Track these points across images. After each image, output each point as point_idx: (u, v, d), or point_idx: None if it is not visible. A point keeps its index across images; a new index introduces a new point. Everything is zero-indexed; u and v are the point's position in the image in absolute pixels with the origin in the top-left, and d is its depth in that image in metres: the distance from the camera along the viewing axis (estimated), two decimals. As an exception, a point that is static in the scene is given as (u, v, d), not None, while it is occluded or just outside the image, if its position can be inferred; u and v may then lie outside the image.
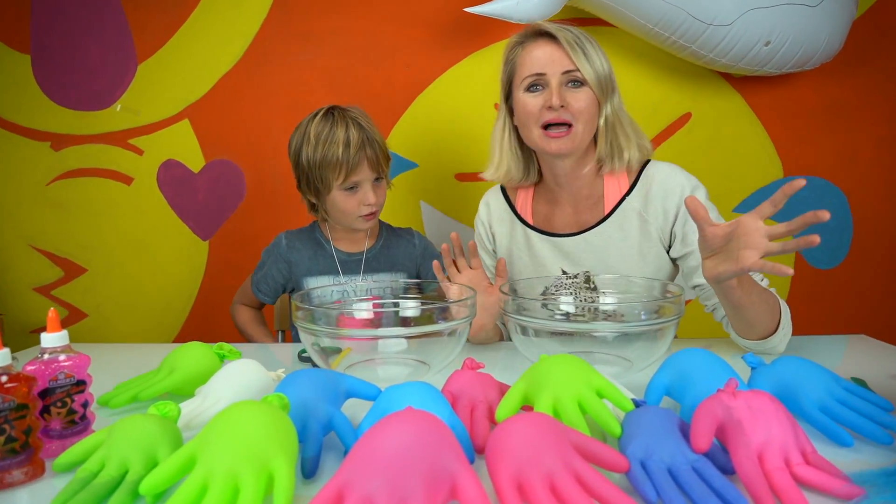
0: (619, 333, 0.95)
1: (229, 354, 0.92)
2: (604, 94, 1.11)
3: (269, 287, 1.39)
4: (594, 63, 1.09)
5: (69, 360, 0.70)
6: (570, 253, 1.19)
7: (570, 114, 1.09)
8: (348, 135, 1.23)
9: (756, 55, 1.49)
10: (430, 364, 0.96)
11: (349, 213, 1.27)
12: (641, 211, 1.15)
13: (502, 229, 1.28)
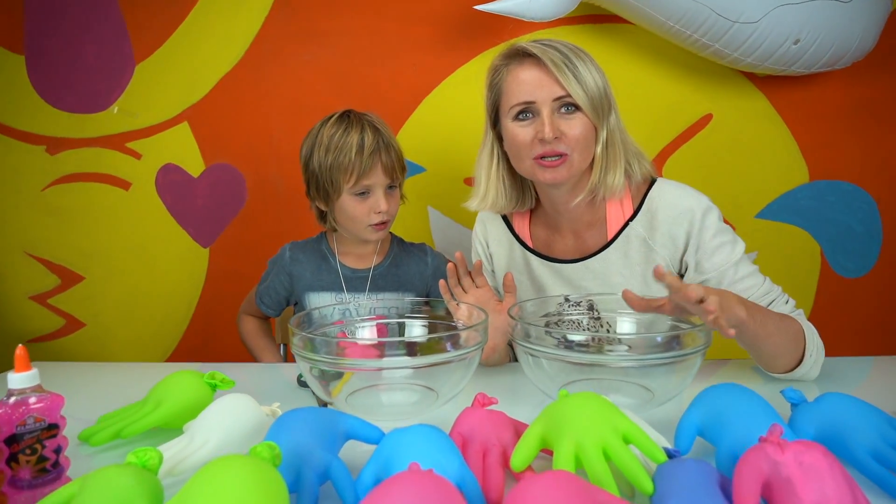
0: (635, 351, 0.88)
1: (221, 384, 0.86)
2: (599, 117, 1.01)
3: (271, 300, 1.33)
4: (586, 84, 0.99)
5: (40, 401, 0.64)
6: (571, 279, 1.12)
7: (563, 144, 0.99)
8: (363, 137, 1.17)
9: (784, 54, 1.40)
10: (438, 391, 0.89)
11: (359, 220, 1.19)
12: (647, 238, 1.07)
13: (500, 250, 1.20)
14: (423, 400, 0.90)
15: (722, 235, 1.03)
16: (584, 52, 1.03)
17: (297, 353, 0.85)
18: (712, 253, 1.02)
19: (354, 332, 1.04)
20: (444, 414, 0.87)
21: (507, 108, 1.03)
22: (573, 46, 1.02)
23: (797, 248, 1.72)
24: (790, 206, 1.71)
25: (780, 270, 1.42)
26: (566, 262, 1.12)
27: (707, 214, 1.03)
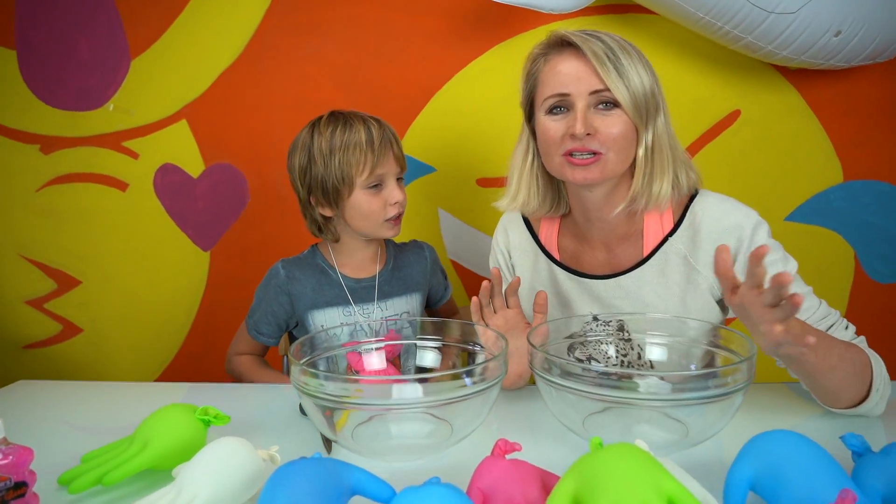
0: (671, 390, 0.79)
1: (216, 420, 0.78)
2: (643, 118, 0.91)
3: (270, 327, 1.22)
4: (630, 80, 0.89)
5: (5, 458, 0.56)
6: (601, 297, 1.03)
7: (597, 142, 0.91)
8: (369, 128, 1.10)
9: (823, 47, 1.30)
10: (453, 424, 0.81)
11: (374, 215, 1.11)
12: (688, 255, 0.97)
13: (524, 261, 1.11)
14: (436, 432, 0.82)
15: (773, 253, 0.92)
16: (634, 47, 0.93)
17: (297, 387, 0.77)
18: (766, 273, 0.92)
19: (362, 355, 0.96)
20: (460, 454, 0.79)
21: (541, 101, 0.96)
22: (621, 40, 0.93)
23: (830, 252, 1.62)
24: (822, 208, 1.61)
25: (812, 276, 1.33)
26: (596, 278, 1.03)
27: (757, 231, 0.93)
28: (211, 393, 1.07)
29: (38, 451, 0.84)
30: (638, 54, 0.92)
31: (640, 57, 0.93)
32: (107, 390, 1.11)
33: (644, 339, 0.96)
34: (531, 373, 1.00)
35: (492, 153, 1.65)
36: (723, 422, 0.78)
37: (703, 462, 0.76)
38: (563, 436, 0.84)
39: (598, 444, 0.64)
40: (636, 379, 0.80)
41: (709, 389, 0.74)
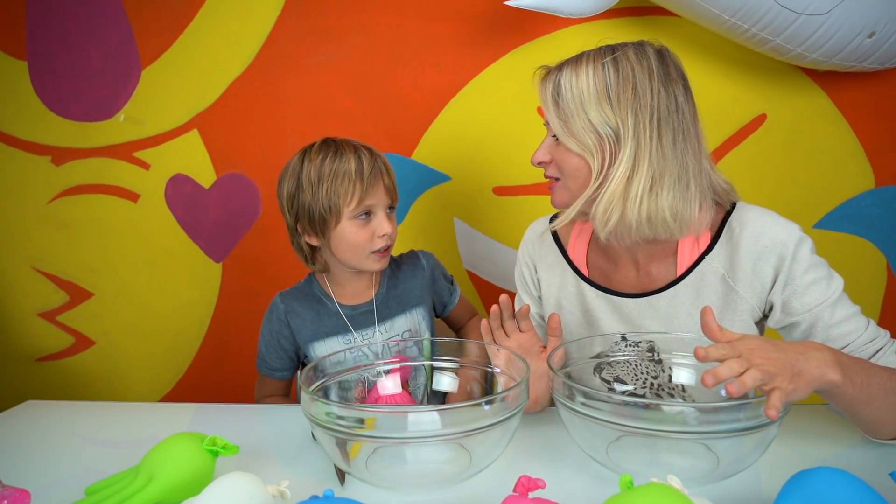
0: (699, 421, 0.74)
1: (224, 450, 0.75)
2: (592, 153, 0.89)
3: (282, 361, 1.18)
4: (569, 118, 0.89)
5: (1, 500, 0.53)
6: (631, 316, 0.98)
7: (554, 169, 0.96)
8: (360, 157, 1.06)
9: (856, 49, 1.24)
10: (472, 453, 0.77)
11: (360, 247, 1.07)
12: (726, 275, 0.92)
13: (551, 277, 1.07)
14: (455, 459, 0.78)
15: (816, 270, 0.88)
16: (599, 70, 0.88)
17: (308, 418, 0.73)
18: (804, 291, 0.87)
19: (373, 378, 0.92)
20: (480, 486, 0.76)
21: None
22: (585, 67, 0.89)
23: (861, 260, 1.56)
24: (853, 215, 1.55)
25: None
26: (626, 297, 0.98)
27: (800, 247, 0.88)
28: (220, 415, 1.04)
29: (44, 475, 0.82)
30: (606, 76, 0.88)
31: (611, 78, 0.88)
32: (114, 411, 1.09)
33: (673, 359, 0.91)
34: (547, 397, 0.96)
35: (508, 161, 1.61)
36: (757, 453, 0.73)
37: (741, 497, 0.72)
38: (586, 464, 0.80)
39: (629, 483, 0.59)
40: (664, 407, 0.76)
41: (740, 421, 0.69)
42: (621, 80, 0.87)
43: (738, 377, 0.66)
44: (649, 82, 0.86)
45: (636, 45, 0.90)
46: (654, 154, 0.86)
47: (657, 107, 0.86)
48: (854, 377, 0.72)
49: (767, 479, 0.75)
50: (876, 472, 0.70)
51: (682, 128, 0.87)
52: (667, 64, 0.89)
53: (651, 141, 0.86)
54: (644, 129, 0.86)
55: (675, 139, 0.87)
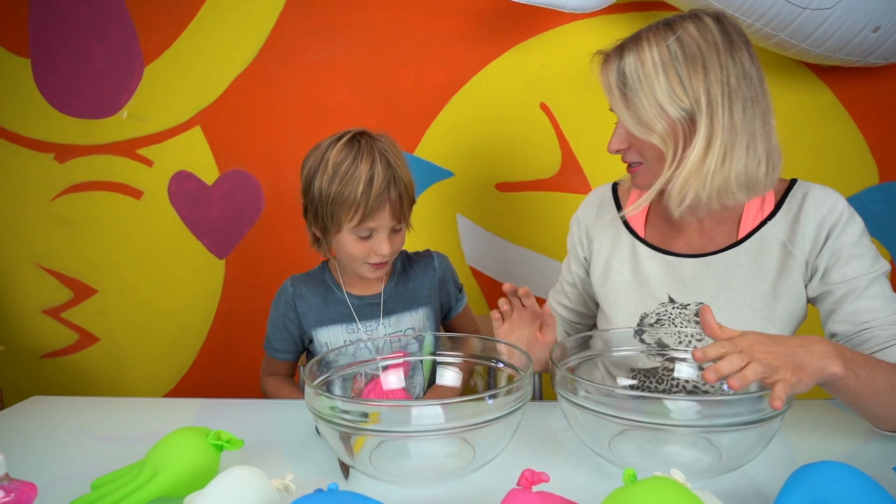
0: (701, 415, 0.74)
1: (228, 445, 0.75)
2: (665, 141, 0.89)
3: (285, 343, 1.19)
4: (639, 109, 0.88)
5: (7, 494, 0.54)
6: (684, 277, 0.98)
7: (634, 154, 0.94)
8: (373, 171, 1.02)
9: (860, 44, 1.24)
10: (475, 447, 0.78)
11: (356, 258, 1.07)
12: (786, 241, 0.93)
13: (605, 237, 1.08)
14: (459, 453, 0.79)
15: (863, 247, 0.89)
16: (666, 55, 0.87)
17: (312, 412, 0.73)
18: (846, 262, 0.88)
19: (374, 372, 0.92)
20: (483, 480, 0.76)
21: None
22: (650, 52, 0.88)
23: (864, 256, 1.56)
24: (858, 211, 1.47)
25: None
26: (683, 256, 0.99)
27: (852, 219, 0.91)
28: (224, 410, 1.04)
29: (50, 470, 0.82)
30: (674, 61, 0.86)
31: (679, 63, 0.86)
32: (120, 406, 1.09)
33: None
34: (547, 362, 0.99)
35: (511, 157, 1.61)
36: (759, 447, 0.73)
37: (744, 491, 0.72)
38: (589, 458, 0.80)
39: (632, 476, 0.59)
40: (666, 401, 0.76)
41: (743, 415, 0.69)
42: (689, 60, 0.85)
43: (740, 371, 0.66)
44: (717, 56, 0.85)
45: (693, 17, 0.88)
46: (726, 127, 0.86)
47: (727, 80, 0.85)
48: (858, 370, 0.72)
49: (771, 473, 0.75)
50: (880, 466, 0.70)
51: (750, 94, 0.87)
52: (728, 31, 0.88)
53: (724, 116, 0.85)
54: (717, 106, 0.85)
55: (744, 108, 0.87)
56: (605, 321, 1.07)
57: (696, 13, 0.89)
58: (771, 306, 0.93)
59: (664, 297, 0.98)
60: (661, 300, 0.98)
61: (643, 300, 1.00)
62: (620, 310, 1.03)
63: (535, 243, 1.64)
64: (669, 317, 0.98)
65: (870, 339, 0.86)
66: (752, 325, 0.93)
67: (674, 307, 0.98)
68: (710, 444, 0.76)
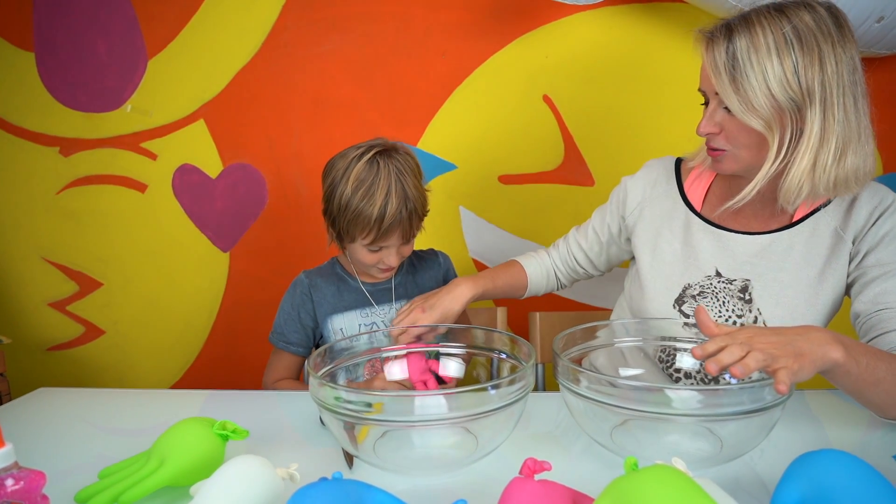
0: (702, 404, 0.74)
1: (234, 434, 0.76)
2: (771, 126, 0.87)
3: (299, 335, 1.20)
4: (746, 93, 0.86)
5: (17, 482, 0.54)
6: (735, 252, 1.00)
7: (722, 140, 0.92)
8: (388, 199, 1.04)
9: (865, 34, 1.24)
10: (478, 437, 0.78)
11: (366, 264, 1.13)
12: (839, 227, 0.95)
13: (659, 206, 1.09)
14: (462, 443, 0.79)
15: None
16: (782, 41, 0.85)
17: (316, 401, 0.74)
18: (886, 246, 0.91)
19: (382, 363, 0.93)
20: (486, 470, 0.76)
21: None
22: (764, 36, 0.85)
23: (868, 247, 1.56)
24: (860, 202, 1.54)
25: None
26: (737, 233, 1.01)
27: (894, 207, 0.93)
28: (230, 401, 1.05)
29: (57, 461, 0.83)
30: (778, 50, 0.84)
31: (782, 52, 0.84)
32: (126, 397, 1.10)
33: (768, 304, 0.96)
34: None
35: (514, 149, 1.61)
36: (761, 436, 0.73)
37: (745, 479, 0.72)
38: (591, 447, 0.81)
39: (634, 465, 0.60)
40: (667, 391, 0.76)
41: (744, 404, 0.70)
42: (806, 51, 0.84)
43: (741, 360, 0.67)
44: (832, 49, 0.84)
45: (807, 5, 0.87)
46: (840, 122, 0.86)
47: (841, 74, 0.85)
48: (858, 357, 0.73)
49: (772, 462, 0.75)
50: (879, 454, 0.70)
51: (861, 88, 0.88)
52: (841, 24, 0.87)
53: (838, 110, 0.85)
54: (831, 99, 0.85)
55: (856, 102, 0.87)
56: (640, 289, 1.07)
57: (809, 2, 0.87)
58: (816, 290, 0.95)
59: (711, 270, 1.00)
60: (707, 273, 1.00)
61: (689, 271, 1.01)
62: (664, 279, 1.04)
63: (537, 235, 1.65)
64: (713, 289, 0.99)
65: (885, 320, 0.87)
66: (796, 307, 0.95)
67: (720, 280, 0.99)
68: (711, 434, 0.77)
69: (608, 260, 1.20)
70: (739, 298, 0.98)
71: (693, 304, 1.00)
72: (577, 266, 1.22)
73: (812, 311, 0.94)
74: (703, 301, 1.00)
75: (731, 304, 0.98)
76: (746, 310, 0.97)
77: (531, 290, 1.22)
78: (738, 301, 0.98)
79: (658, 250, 1.06)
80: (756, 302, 0.97)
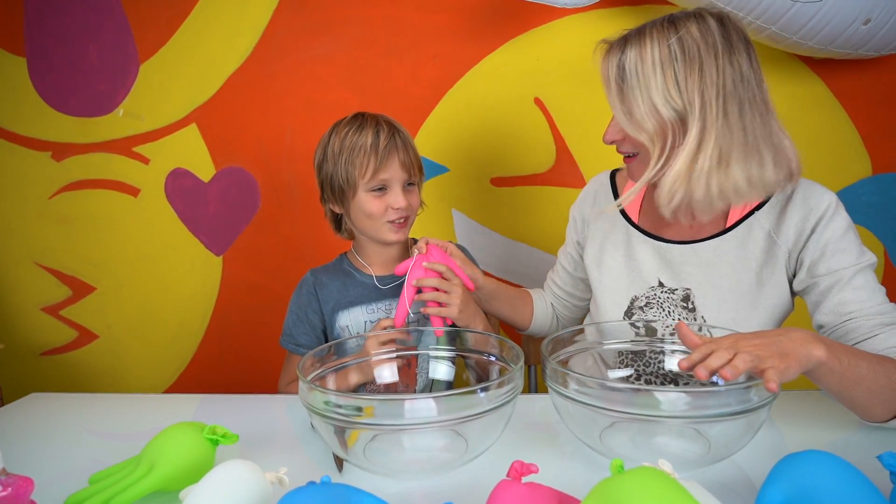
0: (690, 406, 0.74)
1: (223, 439, 0.76)
2: (653, 140, 0.91)
3: (307, 337, 1.18)
4: (632, 105, 0.90)
5: (4, 489, 0.55)
6: (673, 263, 1.01)
7: (629, 146, 0.96)
8: (378, 132, 1.09)
9: (851, 36, 1.24)
10: (468, 439, 0.79)
11: (376, 217, 1.10)
12: (772, 231, 0.95)
13: (601, 223, 1.12)
14: (451, 446, 0.80)
15: (849, 240, 0.91)
16: (666, 54, 0.87)
17: (306, 406, 0.74)
18: (832, 255, 0.90)
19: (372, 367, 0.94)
20: (475, 473, 0.77)
21: None
22: (651, 49, 0.88)
23: (858, 248, 1.57)
24: (851, 202, 1.54)
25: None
26: (672, 243, 1.02)
27: (838, 213, 0.92)
28: (223, 405, 1.05)
29: (48, 466, 0.83)
30: (672, 61, 0.87)
31: (678, 63, 0.87)
32: (119, 402, 1.10)
33: (709, 309, 0.98)
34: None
35: (506, 152, 1.62)
36: (747, 437, 0.74)
37: (730, 481, 0.73)
38: (580, 449, 0.81)
39: (620, 467, 0.60)
40: (655, 393, 0.77)
41: (730, 406, 0.70)
42: (687, 61, 0.86)
43: (729, 363, 0.67)
44: (714, 60, 0.86)
45: (697, 17, 0.89)
46: (720, 130, 0.87)
47: (723, 83, 0.86)
48: (840, 356, 0.74)
49: (758, 463, 0.76)
50: (864, 455, 0.71)
51: (747, 96, 0.88)
52: (729, 33, 0.88)
53: (717, 119, 0.86)
54: (710, 108, 0.86)
55: (741, 110, 0.87)
56: (595, 306, 1.10)
57: (701, 13, 0.90)
58: (755, 293, 0.95)
59: (654, 281, 1.01)
60: (651, 284, 1.01)
61: (634, 284, 1.03)
62: (612, 293, 1.06)
63: (529, 238, 1.65)
64: (658, 300, 1.01)
65: (854, 329, 0.87)
66: (737, 310, 0.96)
67: (662, 291, 1.00)
68: (699, 435, 0.78)
69: (587, 287, 1.20)
70: (683, 307, 0.98)
71: (642, 315, 1.02)
72: (564, 302, 1.25)
73: (756, 315, 0.95)
74: (649, 312, 1.01)
75: (676, 314, 0.99)
76: (691, 318, 0.98)
77: (536, 320, 1.25)
78: (683, 310, 0.99)
79: (604, 265, 1.08)
80: (699, 310, 0.98)
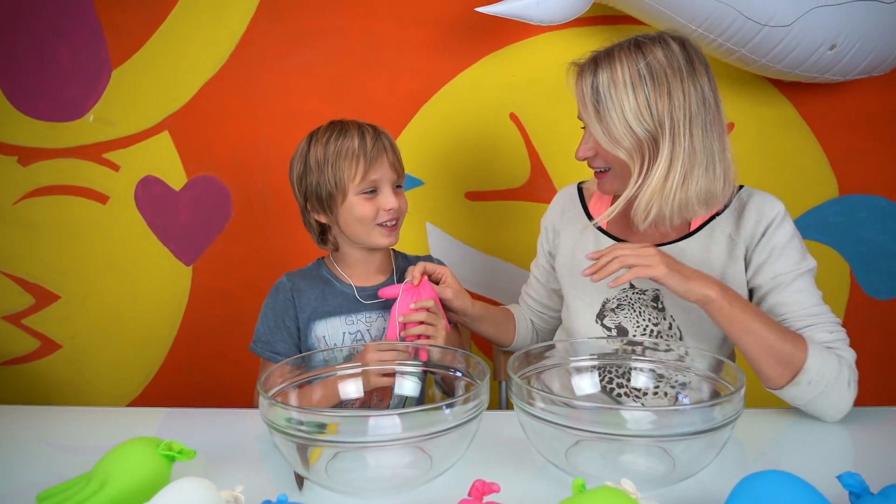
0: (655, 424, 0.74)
1: (180, 455, 0.74)
2: (632, 155, 0.96)
3: (286, 345, 1.13)
4: (609, 125, 0.95)
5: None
6: None
7: (601, 162, 1.02)
8: (362, 131, 1.10)
9: (818, 61, 1.27)
10: (432, 457, 0.78)
11: (367, 220, 1.08)
12: (732, 233, 1.01)
13: (571, 231, 1.16)
14: (415, 463, 0.78)
15: (793, 247, 0.98)
16: (636, 76, 0.93)
17: (266, 423, 0.73)
18: (776, 260, 0.97)
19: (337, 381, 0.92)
20: (439, 490, 0.76)
21: None
22: (622, 72, 0.94)
23: (825, 267, 1.55)
24: (818, 223, 1.58)
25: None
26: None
27: (786, 221, 0.99)
28: (187, 419, 1.03)
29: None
30: (643, 83, 0.93)
31: (648, 86, 0.93)
32: (80, 415, 1.07)
33: (678, 311, 1.03)
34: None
35: (481, 166, 1.62)
36: (710, 455, 0.74)
37: (694, 500, 0.73)
38: (546, 468, 0.81)
39: (581, 486, 0.60)
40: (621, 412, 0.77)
41: (695, 424, 0.70)
42: (657, 85, 0.92)
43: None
44: (680, 83, 0.93)
45: (661, 41, 0.95)
46: (686, 150, 0.93)
47: (688, 106, 0.93)
48: (732, 302, 0.88)
49: (723, 481, 0.76)
50: (825, 475, 0.71)
51: (708, 118, 0.95)
52: (691, 56, 0.95)
53: (684, 139, 0.93)
54: (678, 130, 0.93)
55: (704, 131, 0.94)
56: (567, 311, 1.14)
57: (664, 37, 0.96)
58: None
59: (626, 283, 1.03)
60: (622, 286, 1.05)
61: (604, 286, 1.05)
62: (583, 296, 1.10)
63: (504, 252, 1.65)
64: (629, 301, 1.05)
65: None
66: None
67: (634, 292, 1.05)
68: (665, 453, 0.77)
69: (560, 298, 1.24)
70: (653, 307, 1.04)
71: (613, 317, 1.06)
72: (540, 314, 1.28)
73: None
74: (621, 313, 1.06)
75: (647, 314, 1.04)
76: (661, 318, 1.03)
77: (518, 336, 1.27)
78: (653, 310, 1.04)
79: (575, 271, 1.12)
80: (668, 310, 1.03)
